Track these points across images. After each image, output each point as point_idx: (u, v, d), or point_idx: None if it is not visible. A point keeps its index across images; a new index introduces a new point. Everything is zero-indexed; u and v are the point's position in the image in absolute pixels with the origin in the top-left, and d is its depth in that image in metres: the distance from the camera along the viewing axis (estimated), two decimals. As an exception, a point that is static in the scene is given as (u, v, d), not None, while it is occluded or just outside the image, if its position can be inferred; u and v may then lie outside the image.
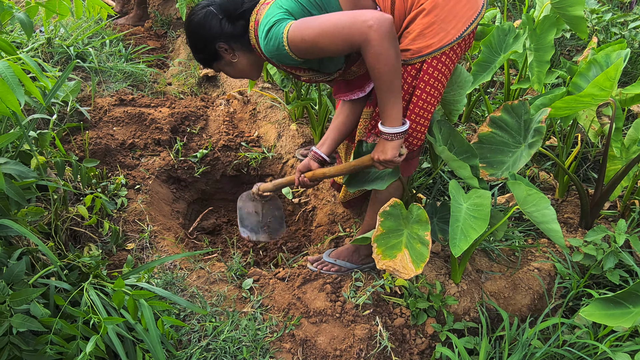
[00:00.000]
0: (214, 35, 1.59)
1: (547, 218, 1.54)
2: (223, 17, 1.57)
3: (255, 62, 1.69)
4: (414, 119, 1.60)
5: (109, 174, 2.34)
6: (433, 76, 1.54)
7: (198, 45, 1.66)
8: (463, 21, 1.50)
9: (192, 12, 1.63)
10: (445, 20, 1.48)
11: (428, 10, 1.48)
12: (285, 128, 2.70)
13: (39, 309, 1.40)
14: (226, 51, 1.63)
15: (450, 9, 1.48)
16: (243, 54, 1.64)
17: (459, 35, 1.50)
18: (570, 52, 3.38)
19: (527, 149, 1.77)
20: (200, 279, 1.90)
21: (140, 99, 2.85)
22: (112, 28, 3.78)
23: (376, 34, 1.34)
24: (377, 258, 1.57)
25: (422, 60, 1.52)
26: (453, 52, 1.54)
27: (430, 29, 1.49)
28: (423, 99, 1.57)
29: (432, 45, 1.50)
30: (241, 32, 1.59)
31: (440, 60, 1.53)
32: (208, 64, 1.71)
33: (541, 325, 1.69)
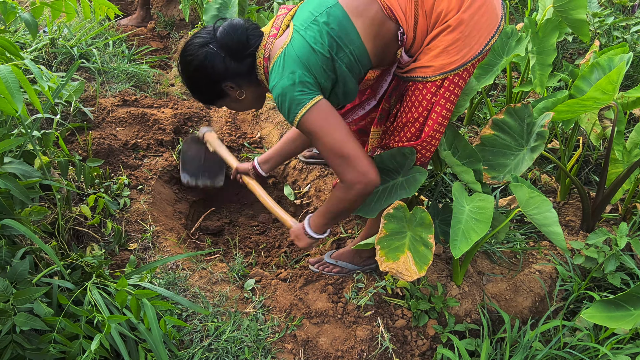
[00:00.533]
0: (219, 76, 1.51)
1: (548, 221, 1.54)
2: (226, 55, 1.48)
3: (261, 94, 1.66)
4: (429, 134, 1.56)
5: (112, 174, 2.35)
6: (453, 92, 1.51)
7: (201, 88, 1.58)
8: (485, 35, 1.46)
9: (187, 53, 1.51)
10: (469, 35, 1.44)
11: (453, 27, 1.42)
12: (287, 129, 2.70)
13: (42, 307, 1.41)
14: (232, 89, 1.57)
15: (474, 24, 1.44)
16: (250, 89, 1.59)
17: (480, 50, 1.47)
18: (572, 55, 3.39)
19: (530, 152, 1.77)
20: (202, 280, 1.91)
21: (143, 99, 2.86)
22: (115, 29, 3.79)
23: (360, 190, 1.46)
24: (380, 260, 1.58)
25: (444, 77, 1.48)
26: (472, 66, 1.51)
27: (455, 45, 1.44)
28: (442, 115, 1.53)
29: (455, 62, 1.46)
30: (248, 69, 1.52)
31: (462, 77, 1.50)
32: (211, 103, 1.65)
33: (542, 327, 1.69)
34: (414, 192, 1.60)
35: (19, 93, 1.14)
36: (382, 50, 1.49)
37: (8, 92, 1.11)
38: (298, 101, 1.39)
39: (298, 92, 1.39)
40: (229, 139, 2.70)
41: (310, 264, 1.98)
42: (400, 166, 1.65)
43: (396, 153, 1.63)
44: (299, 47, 1.41)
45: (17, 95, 1.13)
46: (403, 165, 1.64)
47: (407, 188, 1.62)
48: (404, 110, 1.59)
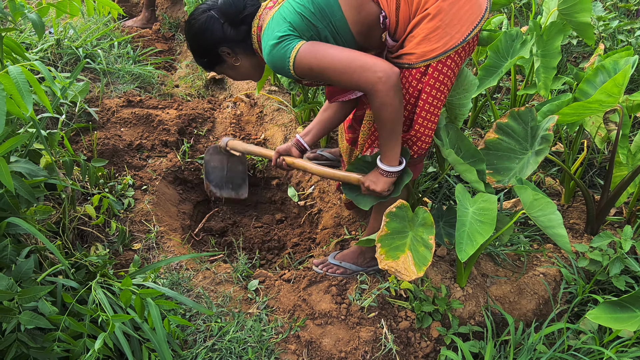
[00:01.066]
0: (217, 39, 1.61)
1: (553, 223, 1.54)
2: (225, 21, 1.59)
3: (257, 65, 1.73)
4: (420, 123, 1.60)
5: (117, 174, 2.36)
6: (439, 80, 1.55)
7: (200, 50, 1.68)
8: (467, 25, 1.51)
9: (192, 17, 1.64)
10: (449, 24, 1.49)
11: (433, 15, 1.48)
12: (291, 131, 2.71)
13: (46, 306, 1.41)
14: (229, 55, 1.66)
15: (455, 13, 1.49)
16: (245, 57, 1.68)
17: (462, 39, 1.51)
18: (576, 59, 3.38)
19: (534, 156, 1.77)
20: (206, 280, 1.91)
21: (147, 100, 2.87)
22: (120, 30, 3.80)
23: (384, 86, 1.42)
24: (379, 258, 1.58)
25: (427, 64, 1.53)
26: (458, 55, 1.55)
27: (435, 33, 1.49)
28: (430, 102, 1.57)
29: (436, 49, 1.51)
30: (244, 37, 1.61)
31: (446, 64, 1.54)
32: (210, 67, 1.74)
33: (546, 330, 1.69)
34: (398, 193, 1.64)
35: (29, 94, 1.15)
36: (366, 30, 1.55)
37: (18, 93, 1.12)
38: (286, 48, 1.46)
39: (283, 42, 1.46)
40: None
41: (314, 264, 1.98)
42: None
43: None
44: (286, 11, 1.50)
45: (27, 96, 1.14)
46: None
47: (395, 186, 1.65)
48: None
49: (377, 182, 1.63)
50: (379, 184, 1.63)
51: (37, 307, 1.40)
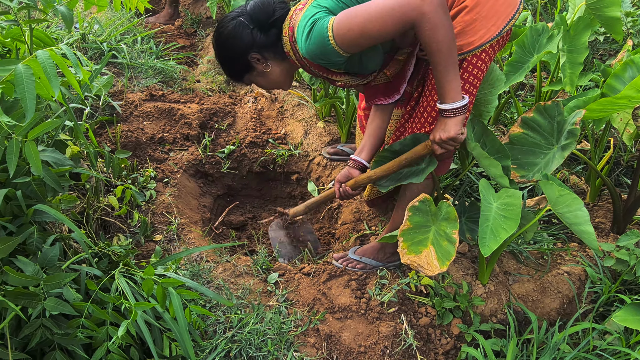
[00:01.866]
0: (246, 46, 1.58)
1: (579, 219, 1.50)
2: (254, 27, 1.56)
3: (288, 71, 1.67)
4: None
5: (139, 166, 2.38)
6: (472, 74, 1.53)
7: (229, 58, 1.64)
8: (502, 18, 1.49)
9: (221, 25, 1.61)
10: (486, 17, 1.47)
11: (470, 8, 1.46)
12: (312, 126, 2.71)
13: (71, 293, 1.43)
14: (258, 61, 1.62)
15: (491, 6, 1.47)
16: (276, 63, 1.63)
17: (498, 32, 1.49)
18: (602, 56, 3.31)
19: (560, 151, 1.74)
20: (226, 272, 1.92)
21: (170, 94, 2.90)
22: (143, 26, 3.85)
23: (430, 5, 1.29)
24: (402, 252, 1.57)
25: (462, 57, 1.51)
26: (492, 49, 1.53)
27: (472, 26, 1.48)
28: None
29: (473, 43, 1.49)
30: (274, 41, 1.58)
31: (480, 58, 1.52)
32: (239, 76, 1.69)
33: (571, 329, 1.66)
34: (422, 179, 1.60)
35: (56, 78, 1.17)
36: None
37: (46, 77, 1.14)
38: (321, 24, 1.40)
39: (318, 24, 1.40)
40: (253, 135, 2.71)
41: (334, 259, 1.97)
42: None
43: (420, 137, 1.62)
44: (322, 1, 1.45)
45: (54, 80, 1.16)
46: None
47: (418, 175, 1.63)
48: (425, 93, 1.62)
49: (447, 128, 1.46)
50: (451, 129, 1.46)
51: (62, 293, 1.42)
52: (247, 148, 2.66)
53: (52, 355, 1.41)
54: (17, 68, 1.17)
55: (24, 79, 1.16)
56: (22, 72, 1.16)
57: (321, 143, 2.62)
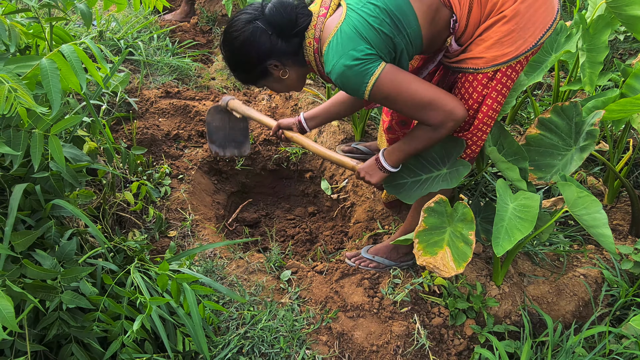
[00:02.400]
0: (265, 53, 1.49)
1: (597, 222, 1.48)
2: (272, 33, 1.46)
3: (304, 74, 1.64)
4: (480, 128, 1.54)
5: (154, 163, 2.41)
6: (505, 85, 1.47)
7: (244, 65, 1.54)
8: (540, 28, 1.42)
9: (234, 29, 1.49)
10: (524, 28, 1.40)
11: (509, 18, 1.39)
12: (326, 124, 2.70)
13: (87, 287, 1.45)
14: (276, 68, 1.54)
15: (531, 16, 1.40)
16: (294, 69, 1.57)
17: (535, 43, 1.42)
18: (622, 55, 3.26)
19: (579, 152, 1.71)
20: (239, 269, 1.93)
21: (185, 91, 2.92)
22: (159, 23, 3.88)
23: (454, 125, 1.46)
24: (417, 254, 1.56)
25: (496, 69, 1.44)
26: (525, 59, 1.47)
27: (509, 37, 1.40)
28: (493, 108, 1.50)
29: (508, 54, 1.42)
30: (295, 50, 1.51)
31: (514, 69, 1.46)
32: (252, 82, 1.63)
33: (586, 332, 1.64)
34: (455, 184, 1.57)
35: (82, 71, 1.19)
36: (433, 36, 1.47)
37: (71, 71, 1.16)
38: (365, 72, 1.38)
39: (362, 64, 1.37)
40: (267, 132, 2.72)
41: (346, 257, 1.97)
42: (447, 156, 1.62)
43: (447, 140, 1.60)
44: (357, 23, 1.36)
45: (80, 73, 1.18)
46: (450, 156, 1.61)
47: (450, 180, 1.59)
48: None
49: (373, 175, 1.68)
50: (375, 177, 1.68)
51: (79, 287, 1.45)
52: (261, 145, 2.66)
53: (69, 347, 1.44)
54: (42, 62, 1.19)
55: (49, 72, 1.18)
56: (47, 66, 1.19)
57: (335, 141, 2.62)
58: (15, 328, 1.13)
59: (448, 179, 1.60)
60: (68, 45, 1.20)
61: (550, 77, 3.13)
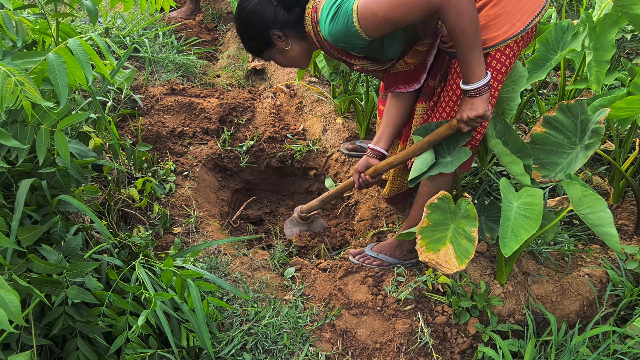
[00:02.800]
0: (269, 22, 1.59)
1: (602, 221, 1.48)
2: (277, 3, 1.58)
3: (307, 50, 1.70)
4: None
5: (159, 159, 2.41)
6: (496, 69, 1.52)
7: (251, 33, 1.65)
8: (528, 14, 1.47)
9: (243, 0, 1.62)
10: (511, 12, 1.45)
11: (495, 2, 1.45)
12: (330, 122, 2.70)
13: (93, 282, 1.46)
14: (279, 38, 1.64)
15: (517, 1, 1.45)
16: (296, 41, 1.65)
17: (523, 28, 1.47)
18: (629, 54, 3.24)
19: (584, 150, 1.71)
20: (243, 265, 1.93)
21: (190, 89, 2.92)
22: (165, 21, 3.89)
23: None
24: (420, 250, 1.56)
25: (486, 52, 1.49)
26: (516, 44, 1.51)
27: (496, 20, 1.46)
28: None
29: (496, 38, 1.47)
30: (297, 20, 1.59)
31: (504, 53, 1.50)
32: (259, 52, 1.71)
33: (591, 332, 1.63)
34: (453, 169, 1.58)
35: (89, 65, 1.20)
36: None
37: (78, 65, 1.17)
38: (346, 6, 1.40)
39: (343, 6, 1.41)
40: (272, 130, 2.72)
41: (350, 255, 1.97)
42: (454, 145, 1.63)
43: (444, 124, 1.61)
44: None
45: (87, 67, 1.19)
46: (457, 144, 1.62)
47: (450, 165, 1.61)
48: (447, 87, 1.61)
49: (475, 107, 1.49)
50: (479, 106, 1.48)
51: (84, 282, 1.45)
52: (266, 143, 2.67)
53: (74, 342, 1.45)
54: (49, 57, 1.20)
55: (55, 66, 1.19)
56: (54, 61, 1.20)
57: (339, 139, 2.62)
58: (21, 322, 1.14)
59: (448, 165, 1.60)
60: (74, 39, 1.21)
61: (556, 76, 3.12)
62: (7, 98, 1.11)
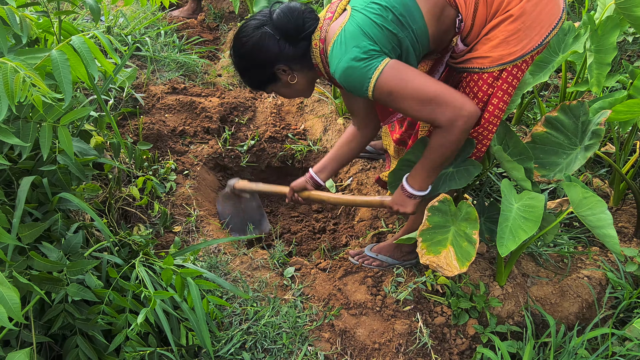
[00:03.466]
0: (273, 58, 1.51)
1: (602, 223, 1.48)
2: (280, 37, 1.49)
3: (313, 80, 1.64)
4: (486, 127, 1.53)
5: (160, 158, 2.42)
6: (512, 84, 1.47)
7: (253, 70, 1.57)
8: (546, 27, 1.42)
9: (243, 35, 1.52)
10: (530, 27, 1.40)
11: (515, 17, 1.39)
12: (331, 122, 2.71)
13: (93, 280, 1.46)
14: (284, 72, 1.56)
15: (537, 15, 1.40)
16: (303, 74, 1.58)
17: (540, 42, 1.42)
18: (631, 57, 3.24)
19: (583, 151, 1.71)
20: (243, 265, 1.94)
21: (191, 88, 2.93)
22: (167, 20, 3.89)
23: (465, 125, 1.38)
24: (420, 252, 1.56)
25: (502, 68, 1.44)
26: (532, 58, 1.47)
27: (515, 36, 1.40)
28: (499, 107, 1.50)
29: (514, 53, 1.42)
30: (303, 53, 1.52)
31: (520, 68, 1.46)
32: (261, 87, 1.64)
33: (589, 334, 1.63)
34: (465, 184, 1.57)
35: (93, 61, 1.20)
36: (440, 35, 1.47)
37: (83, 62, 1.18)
38: (368, 67, 1.36)
39: (365, 60, 1.36)
40: (273, 130, 2.72)
41: (350, 255, 1.97)
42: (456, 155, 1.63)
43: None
44: (361, 21, 1.37)
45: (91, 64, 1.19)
46: (458, 156, 1.61)
47: (458, 179, 1.59)
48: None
49: (405, 205, 1.62)
50: (408, 206, 1.62)
51: (84, 280, 1.46)
52: (267, 143, 2.67)
53: (73, 339, 1.45)
54: (52, 54, 1.21)
55: (59, 63, 1.20)
56: (57, 58, 1.20)
57: (340, 139, 2.62)
58: (21, 319, 1.14)
59: (456, 178, 1.60)
60: (78, 36, 1.21)
61: (558, 78, 3.12)
62: (17, 92, 1.12)
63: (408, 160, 1.70)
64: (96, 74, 1.22)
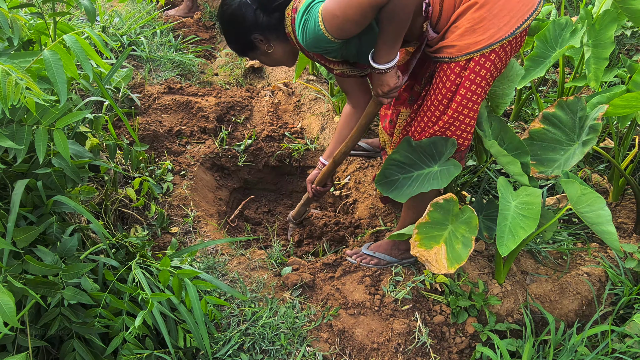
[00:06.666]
0: (249, 26, 1.59)
1: (601, 219, 1.47)
2: (257, 7, 1.57)
3: (290, 51, 1.70)
4: (456, 118, 1.53)
5: (157, 159, 2.41)
6: (480, 75, 1.46)
7: (232, 36, 1.67)
8: (517, 17, 1.41)
9: (225, 3, 1.62)
10: (497, 15, 1.39)
11: (480, 5, 1.39)
12: (328, 120, 2.70)
13: (89, 283, 1.45)
14: (261, 42, 1.64)
15: (504, 4, 1.39)
16: (278, 44, 1.65)
17: (510, 33, 1.41)
18: (629, 51, 3.22)
19: (581, 147, 1.70)
20: (240, 265, 1.93)
21: (188, 87, 2.92)
22: (162, 19, 3.87)
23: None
24: (413, 244, 1.55)
25: (468, 57, 1.44)
26: (503, 50, 1.45)
27: (481, 24, 1.40)
28: (468, 98, 1.49)
29: (480, 42, 1.41)
30: (277, 23, 1.58)
31: (489, 59, 1.44)
32: (243, 53, 1.73)
33: (589, 331, 1.63)
34: (445, 184, 1.56)
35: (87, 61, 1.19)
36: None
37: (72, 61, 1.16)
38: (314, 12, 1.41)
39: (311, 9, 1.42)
40: (270, 129, 2.71)
41: (347, 255, 1.96)
42: (438, 154, 1.62)
43: (437, 140, 1.60)
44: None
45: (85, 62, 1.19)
46: (442, 155, 1.60)
47: (440, 179, 1.58)
48: (430, 92, 1.59)
49: (385, 82, 1.53)
50: (389, 80, 1.53)
51: (80, 283, 1.45)
52: (264, 142, 2.66)
53: (70, 343, 1.44)
54: (44, 54, 1.20)
55: (52, 64, 1.19)
56: (50, 58, 1.19)
57: (338, 138, 2.60)
58: (16, 324, 1.13)
59: (439, 177, 1.59)
60: (70, 35, 1.20)
61: (556, 73, 3.11)
62: (10, 95, 1.11)
63: (394, 159, 1.69)
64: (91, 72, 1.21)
